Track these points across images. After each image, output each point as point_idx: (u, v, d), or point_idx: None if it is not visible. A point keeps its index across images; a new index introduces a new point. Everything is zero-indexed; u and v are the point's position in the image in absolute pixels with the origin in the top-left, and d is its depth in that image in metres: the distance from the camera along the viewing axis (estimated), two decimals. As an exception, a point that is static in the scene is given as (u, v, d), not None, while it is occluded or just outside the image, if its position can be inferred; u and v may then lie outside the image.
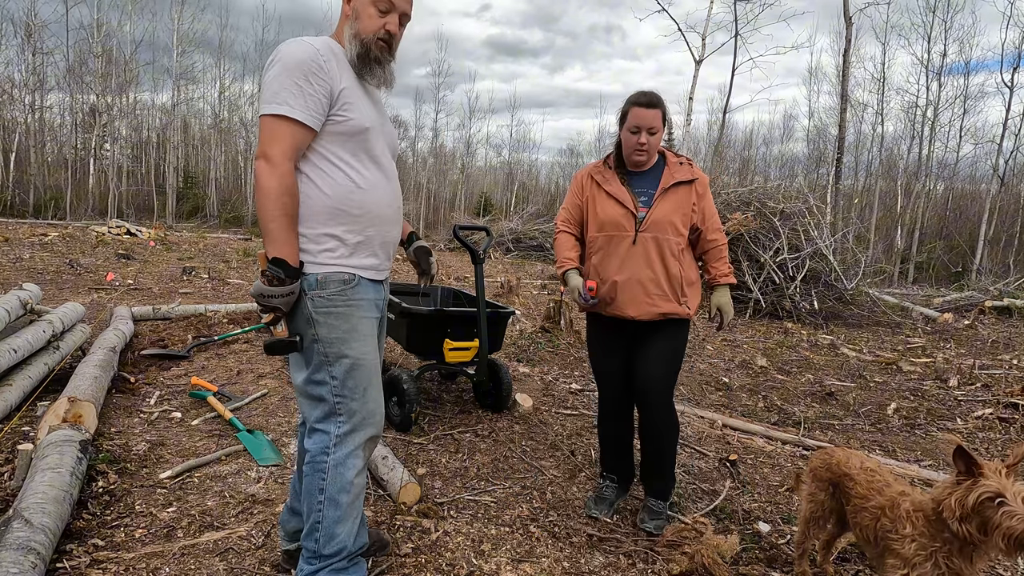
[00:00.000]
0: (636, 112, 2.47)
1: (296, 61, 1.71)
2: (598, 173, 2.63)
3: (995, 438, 4.15)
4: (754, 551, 2.47)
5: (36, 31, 24.80)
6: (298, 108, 1.71)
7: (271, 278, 1.71)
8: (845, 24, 16.33)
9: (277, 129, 1.70)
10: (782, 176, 30.77)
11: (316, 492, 1.84)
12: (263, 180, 1.70)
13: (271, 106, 1.70)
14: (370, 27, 1.83)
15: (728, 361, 5.99)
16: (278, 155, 1.70)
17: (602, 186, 2.58)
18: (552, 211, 35.50)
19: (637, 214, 2.50)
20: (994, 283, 13.97)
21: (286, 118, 1.70)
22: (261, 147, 1.71)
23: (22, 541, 1.82)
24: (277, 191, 1.69)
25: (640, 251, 2.49)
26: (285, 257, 1.71)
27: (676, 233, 2.50)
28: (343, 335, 1.82)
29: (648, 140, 2.48)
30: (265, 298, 1.72)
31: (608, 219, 2.54)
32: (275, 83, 1.71)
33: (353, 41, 1.83)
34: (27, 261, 9.20)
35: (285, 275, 1.71)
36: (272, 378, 4.24)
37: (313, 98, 1.72)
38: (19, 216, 20.89)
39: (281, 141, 1.70)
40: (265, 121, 1.72)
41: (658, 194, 2.51)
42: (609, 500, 2.73)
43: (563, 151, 74.63)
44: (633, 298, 2.50)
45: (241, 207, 29.48)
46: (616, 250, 2.52)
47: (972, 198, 28.66)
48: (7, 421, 3.12)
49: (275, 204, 1.69)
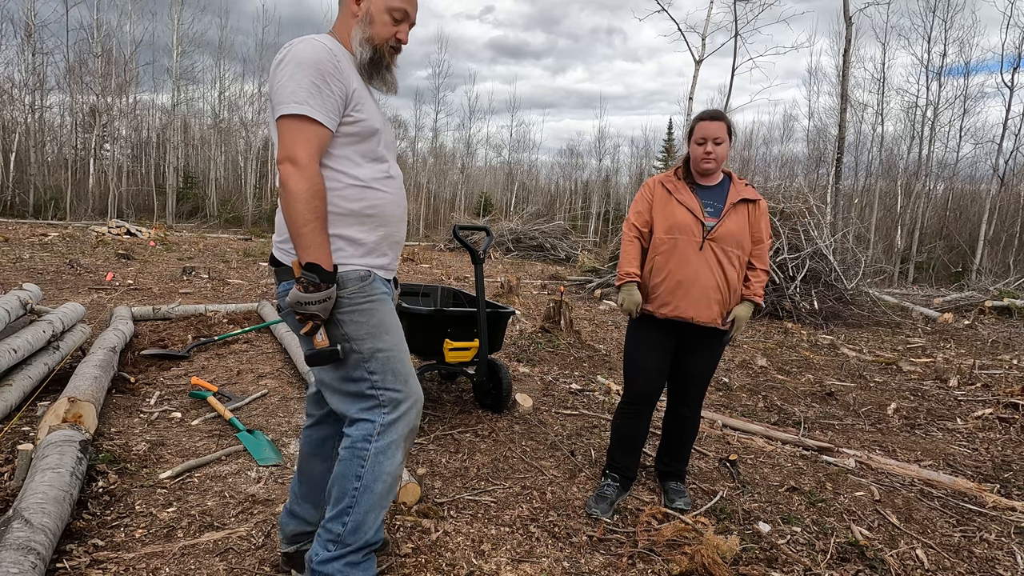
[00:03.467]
0: (702, 125, 2.66)
1: (311, 60, 1.67)
2: (669, 182, 2.78)
3: (995, 438, 4.15)
4: (754, 551, 2.47)
5: (36, 31, 24.81)
6: (318, 108, 1.67)
7: (307, 284, 1.65)
8: (845, 24, 16.33)
9: (301, 130, 1.66)
10: (782, 176, 30.73)
11: (352, 478, 1.80)
12: (292, 183, 1.64)
13: (291, 106, 1.65)
14: (383, 34, 1.81)
15: (728, 361, 5.99)
16: (305, 157, 1.65)
17: (672, 194, 2.73)
18: (552, 211, 35.49)
19: (705, 223, 2.65)
20: (994, 283, 13.97)
21: (308, 119, 1.66)
22: (285, 150, 1.66)
23: (22, 541, 1.82)
24: (307, 194, 1.64)
25: (705, 257, 2.64)
26: (319, 262, 1.66)
27: (739, 246, 2.67)
28: (372, 330, 1.80)
29: (715, 149, 2.65)
30: (302, 306, 1.67)
31: (677, 223, 2.67)
32: (291, 83, 1.66)
33: (364, 45, 1.81)
34: (27, 261, 9.20)
35: (321, 280, 1.66)
36: (272, 378, 4.24)
37: (331, 99, 1.69)
38: (19, 216, 20.89)
39: (307, 142, 1.66)
40: (287, 122, 1.66)
41: (727, 208, 2.67)
42: (610, 499, 2.75)
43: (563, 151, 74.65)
44: (695, 301, 2.64)
45: (241, 207, 29.49)
46: (684, 253, 2.65)
47: (972, 198, 28.67)
48: (7, 421, 3.12)
49: (306, 208, 1.64)
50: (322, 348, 1.73)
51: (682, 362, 2.80)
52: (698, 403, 2.87)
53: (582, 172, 49.63)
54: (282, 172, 1.67)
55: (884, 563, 2.44)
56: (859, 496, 3.04)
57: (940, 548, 2.61)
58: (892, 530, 2.73)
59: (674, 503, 2.79)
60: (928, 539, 2.68)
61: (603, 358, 5.74)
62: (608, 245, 20.09)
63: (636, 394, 2.81)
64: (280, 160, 1.67)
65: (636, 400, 2.81)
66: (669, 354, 2.77)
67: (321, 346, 1.74)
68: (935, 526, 2.81)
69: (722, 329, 2.72)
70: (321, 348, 1.73)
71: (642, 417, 2.83)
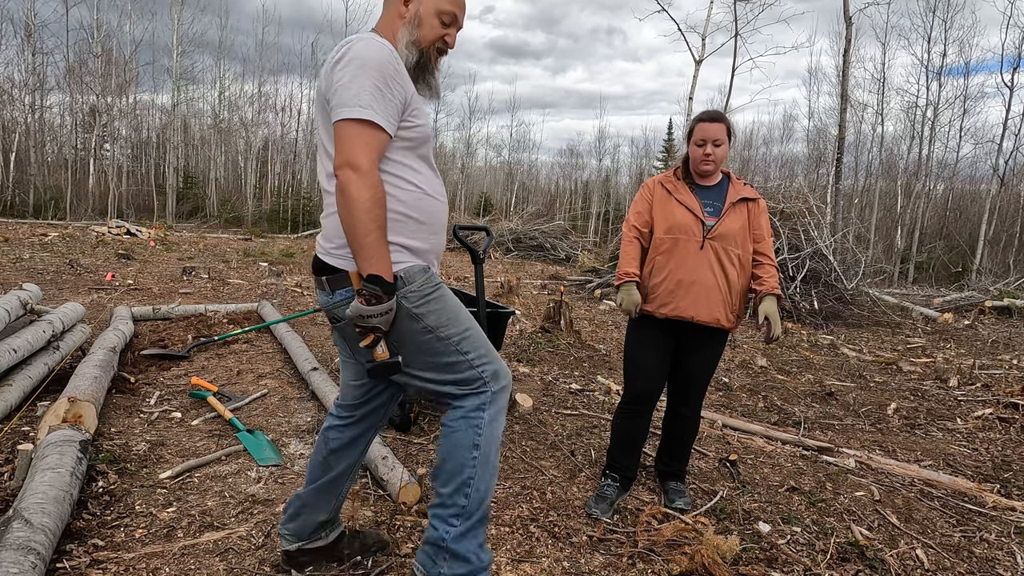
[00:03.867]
0: (702, 127, 2.66)
1: (375, 62, 1.62)
2: (668, 182, 2.78)
3: (995, 438, 4.15)
4: (754, 551, 2.47)
5: (36, 31, 24.81)
6: (380, 113, 1.62)
7: (368, 296, 1.60)
8: (845, 24, 16.33)
9: (362, 135, 1.60)
10: (782, 176, 30.73)
11: (470, 447, 1.78)
12: (354, 191, 1.58)
13: (354, 110, 1.59)
14: (431, 36, 1.78)
15: (728, 361, 5.99)
16: (367, 163, 1.59)
17: (672, 194, 2.73)
18: (552, 211, 35.46)
19: (705, 222, 2.65)
20: (994, 283, 13.97)
21: (371, 123, 1.61)
22: (344, 155, 1.60)
23: (22, 541, 1.82)
24: (370, 203, 1.58)
25: (706, 257, 2.64)
26: (382, 273, 1.60)
27: (739, 245, 2.67)
28: (451, 314, 1.78)
29: (714, 151, 2.65)
30: (364, 319, 1.61)
31: (677, 223, 2.67)
32: (354, 84, 1.60)
33: (411, 48, 1.76)
34: (27, 261, 9.20)
35: (383, 292, 1.61)
36: (272, 378, 4.24)
37: (392, 104, 1.64)
38: (19, 216, 20.89)
39: (368, 148, 1.60)
40: (348, 126, 1.60)
41: (727, 207, 2.67)
42: (610, 499, 2.75)
43: (563, 151, 74.63)
44: (696, 301, 2.63)
45: (241, 207, 29.49)
46: (685, 252, 2.65)
47: (972, 198, 28.68)
48: (7, 421, 3.12)
49: (368, 217, 1.58)
50: (383, 360, 1.69)
51: (682, 362, 2.80)
52: (698, 403, 2.87)
53: (582, 172, 49.68)
54: (342, 179, 1.60)
55: (884, 563, 2.44)
56: (859, 496, 3.04)
57: (940, 548, 2.61)
58: (892, 530, 2.73)
59: (674, 503, 2.79)
60: (928, 539, 2.68)
61: (603, 358, 5.74)
62: (608, 245, 20.09)
63: (636, 394, 2.81)
64: (339, 166, 1.61)
65: (636, 400, 2.81)
66: (669, 354, 2.77)
67: (382, 358, 1.69)
68: (935, 526, 2.81)
69: (723, 328, 2.71)
70: (382, 360, 1.69)
71: (642, 417, 2.83)
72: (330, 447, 2.05)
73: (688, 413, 2.86)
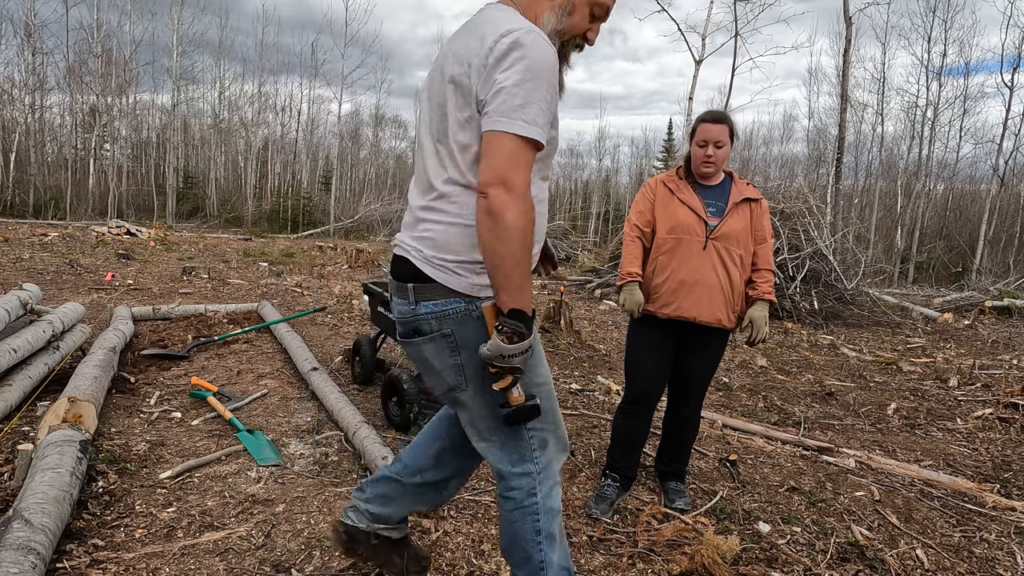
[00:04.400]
0: (704, 127, 2.64)
1: (548, 70, 1.43)
2: (671, 182, 2.76)
3: (995, 438, 4.15)
4: (754, 551, 2.47)
5: (36, 31, 24.81)
6: (544, 131, 1.43)
7: (511, 333, 1.41)
8: (845, 24, 16.33)
9: (524, 155, 1.40)
10: (782, 176, 30.75)
11: (532, 535, 1.64)
12: (510, 216, 1.37)
13: (522, 125, 1.39)
14: (580, 28, 1.60)
15: (728, 361, 5.99)
16: (523, 185, 1.39)
17: (675, 193, 2.72)
18: (552, 211, 35.41)
19: (708, 222, 2.64)
20: (994, 283, 13.98)
21: (533, 142, 1.41)
22: (500, 171, 1.38)
23: (22, 541, 1.82)
24: (525, 231, 1.39)
25: (709, 257, 2.63)
26: (524, 307, 1.42)
27: (742, 246, 2.66)
28: (534, 362, 1.59)
29: (715, 153, 2.64)
30: (505, 359, 1.41)
31: (680, 223, 2.66)
32: (523, 93, 1.39)
33: (554, 37, 1.55)
34: (27, 261, 9.20)
35: (526, 328, 1.43)
36: (272, 378, 4.24)
37: (550, 115, 1.46)
38: (19, 216, 20.88)
39: (526, 169, 1.41)
40: (510, 141, 1.39)
41: (729, 207, 2.67)
42: (610, 499, 2.74)
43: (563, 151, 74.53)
44: (698, 301, 2.63)
45: (241, 207, 29.49)
46: (687, 252, 2.64)
47: (972, 198, 28.68)
48: (7, 421, 3.12)
49: (522, 246, 1.38)
50: (520, 404, 1.51)
51: (683, 362, 2.79)
52: (698, 403, 2.87)
53: (582, 172, 49.74)
54: (496, 200, 1.38)
55: (884, 563, 2.44)
56: (859, 496, 3.04)
57: (940, 548, 2.61)
58: (892, 530, 2.73)
59: (674, 503, 2.79)
60: (928, 539, 2.68)
61: (603, 358, 5.74)
62: (608, 245, 20.09)
63: (636, 394, 2.80)
64: (491, 183, 1.38)
65: (636, 400, 2.81)
66: (670, 354, 2.77)
67: (518, 402, 1.50)
68: (935, 526, 2.81)
69: (724, 329, 2.71)
70: (520, 404, 1.51)
71: (642, 417, 2.82)
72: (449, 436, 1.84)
73: (688, 413, 2.86)
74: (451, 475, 1.91)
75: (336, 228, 25.56)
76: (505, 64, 1.41)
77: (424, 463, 1.87)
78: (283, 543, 2.27)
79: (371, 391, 4.11)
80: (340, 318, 6.51)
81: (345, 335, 5.74)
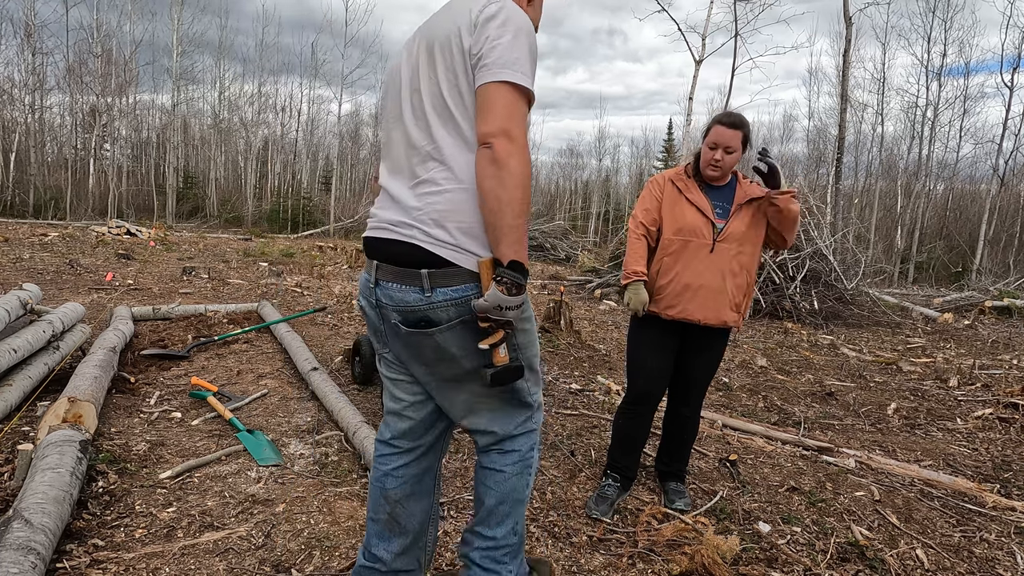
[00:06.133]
0: (717, 130, 2.58)
1: (530, 31, 1.49)
2: (679, 180, 2.71)
3: (995, 438, 4.15)
4: (754, 551, 2.47)
5: (36, 31, 24.80)
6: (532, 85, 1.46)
7: (510, 284, 1.41)
8: (845, 24, 16.32)
9: (521, 105, 1.43)
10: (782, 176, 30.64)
11: (524, 489, 1.71)
12: (514, 163, 1.38)
13: (518, 75, 1.42)
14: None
15: (728, 361, 5.99)
16: (522, 136, 1.41)
17: (683, 192, 2.67)
18: (552, 211, 35.43)
19: (716, 224, 2.61)
20: (994, 283, 13.98)
21: (527, 95, 1.45)
22: (502, 122, 1.40)
23: (22, 541, 1.82)
24: (527, 178, 1.40)
25: (716, 260, 2.60)
26: (523, 259, 1.44)
27: (749, 244, 2.63)
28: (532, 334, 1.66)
29: (724, 158, 2.59)
30: (501, 310, 1.41)
31: (687, 224, 2.62)
32: (516, 47, 1.43)
33: None
34: (27, 261, 9.20)
35: (524, 281, 1.44)
36: (272, 378, 4.24)
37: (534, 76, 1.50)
38: (19, 216, 20.88)
39: (523, 120, 1.44)
40: (509, 92, 1.41)
41: (734, 209, 2.63)
42: (610, 499, 2.74)
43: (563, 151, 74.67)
44: (703, 304, 2.60)
45: (241, 207, 29.47)
46: (694, 255, 2.61)
47: (972, 198, 28.67)
48: (7, 421, 3.12)
49: (524, 194, 1.39)
50: (506, 364, 1.51)
51: (685, 363, 2.78)
52: (698, 403, 2.87)
53: (582, 172, 49.68)
54: (501, 149, 1.38)
55: (884, 563, 2.44)
56: (859, 496, 3.04)
57: (940, 548, 2.61)
58: (892, 530, 2.73)
59: (674, 504, 2.79)
60: (928, 539, 2.68)
61: (603, 358, 5.74)
62: (608, 245, 20.08)
63: (637, 394, 2.79)
64: (494, 133, 1.39)
65: (637, 400, 2.80)
66: (672, 354, 2.75)
67: (503, 362, 1.51)
68: (935, 526, 2.81)
69: (727, 328, 2.70)
70: (505, 364, 1.51)
71: (643, 417, 2.82)
72: (394, 495, 1.74)
73: (688, 413, 2.86)
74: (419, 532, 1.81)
75: (336, 228, 25.55)
76: (496, 23, 1.44)
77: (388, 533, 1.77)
78: (283, 543, 2.27)
79: (371, 391, 4.11)
80: (340, 318, 6.51)
81: (345, 335, 5.74)
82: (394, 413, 1.76)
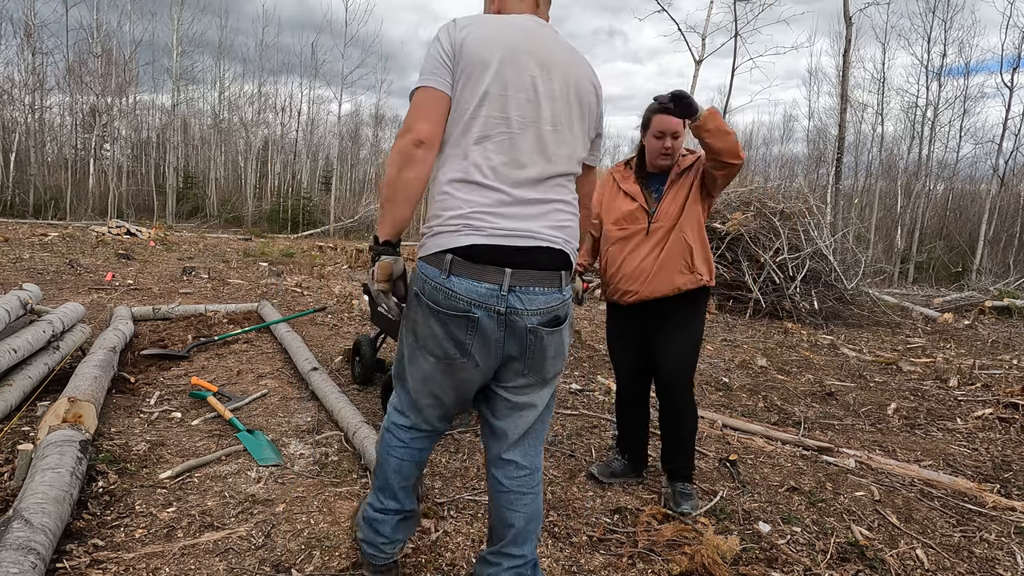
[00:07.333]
0: (660, 119, 2.59)
1: None
2: (617, 173, 2.81)
3: (995, 438, 4.15)
4: (754, 551, 2.47)
5: (36, 31, 24.80)
6: None
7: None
8: (845, 24, 16.33)
9: None
10: (782, 176, 30.77)
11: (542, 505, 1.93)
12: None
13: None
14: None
15: (728, 361, 5.99)
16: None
17: (619, 184, 2.76)
18: (552, 211, 35.26)
19: (649, 209, 2.66)
20: (994, 283, 13.98)
21: None
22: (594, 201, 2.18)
23: (22, 541, 1.82)
24: None
25: (653, 240, 2.65)
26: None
27: (690, 217, 2.63)
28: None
29: (672, 144, 2.61)
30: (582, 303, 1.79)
31: (623, 214, 2.70)
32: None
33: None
34: (27, 261, 9.20)
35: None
36: (272, 378, 4.24)
37: None
38: (19, 216, 20.87)
39: None
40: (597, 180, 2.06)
41: (667, 187, 2.66)
42: (615, 471, 2.85)
43: (563, 151, 74.48)
44: (650, 282, 2.65)
45: (241, 207, 29.48)
46: (632, 241, 2.68)
47: (972, 198, 28.68)
48: (7, 421, 3.12)
49: None
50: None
51: (657, 342, 2.73)
52: (684, 389, 2.73)
53: (582, 172, 49.59)
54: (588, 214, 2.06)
55: (884, 563, 2.44)
56: (859, 496, 3.04)
57: (940, 548, 2.61)
58: (892, 530, 2.73)
59: (679, 506, 2.72)
60: (928, 539, 2.68)
61: (603, 358, 5.74)
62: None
63: (620, 383, 2.92)
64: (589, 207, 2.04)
65: (622, 388, 2.93)
66: (639, 342, 2.80)
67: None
68: (935, 526, 2.81)
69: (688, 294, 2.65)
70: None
71: (635, 403, 2.91)
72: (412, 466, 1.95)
73: (678, 403, 2.73)
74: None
75: (336, 228, 25.56)
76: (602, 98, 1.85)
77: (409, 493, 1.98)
78: (283, 543, 2.27)
79: (371, 391, 4.11)
80: (340, 318, 6.51)
81: (345, 335, 5.74)
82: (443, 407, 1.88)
